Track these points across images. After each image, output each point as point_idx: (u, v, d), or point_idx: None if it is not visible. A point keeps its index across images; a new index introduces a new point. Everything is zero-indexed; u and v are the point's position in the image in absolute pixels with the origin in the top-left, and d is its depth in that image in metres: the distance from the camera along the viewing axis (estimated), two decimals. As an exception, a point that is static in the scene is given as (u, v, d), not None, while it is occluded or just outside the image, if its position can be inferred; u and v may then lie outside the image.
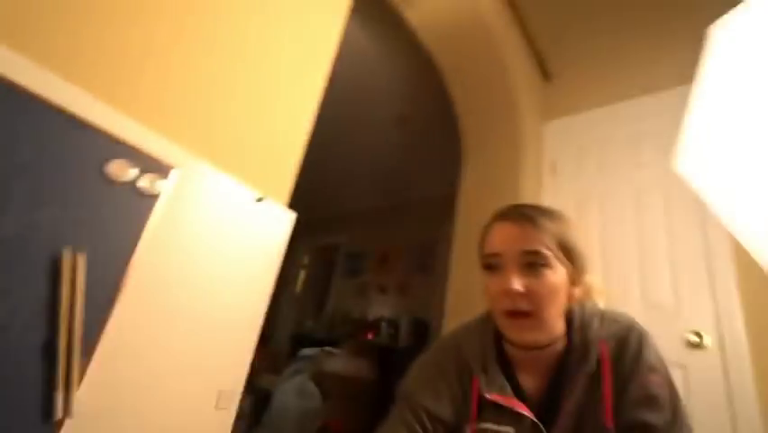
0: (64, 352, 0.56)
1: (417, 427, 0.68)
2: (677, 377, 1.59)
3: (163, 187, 0.73)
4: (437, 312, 2.22)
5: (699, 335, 1.61)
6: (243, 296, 0.86)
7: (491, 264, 0.70)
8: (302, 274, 5.61)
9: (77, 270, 0.59)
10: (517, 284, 0.65)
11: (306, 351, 3.52)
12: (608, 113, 2.24)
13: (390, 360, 3.31)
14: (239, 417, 3.10)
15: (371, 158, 4.05)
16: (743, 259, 1.58)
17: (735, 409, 1.48)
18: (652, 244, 1.85)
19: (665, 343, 1.63)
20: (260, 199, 0.91)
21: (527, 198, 2.05)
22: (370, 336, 3.99)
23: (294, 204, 1.00)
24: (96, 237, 0.63)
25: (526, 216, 0.70)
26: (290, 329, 5.03)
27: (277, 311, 5.31)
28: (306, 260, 5.68)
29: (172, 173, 0.74)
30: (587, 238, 2.01)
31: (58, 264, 0.58)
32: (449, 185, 2.33)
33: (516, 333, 0.69)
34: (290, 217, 0.98)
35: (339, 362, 3.30)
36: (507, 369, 0.72)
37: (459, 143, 2.40)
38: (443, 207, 2.59)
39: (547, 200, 2.18)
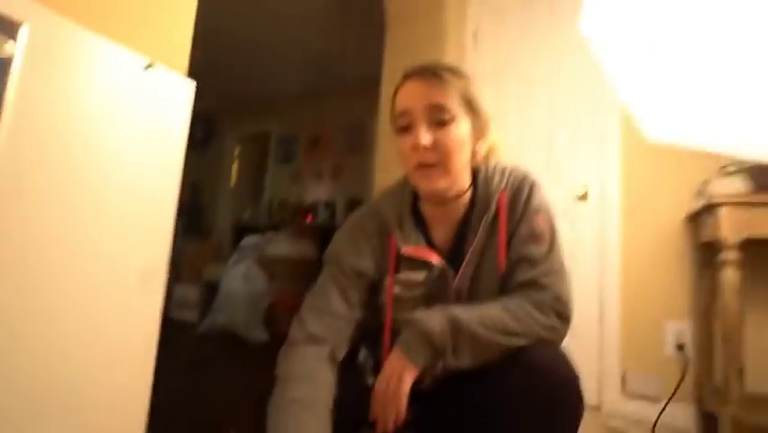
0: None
1: (344, 281, 0.74)
2: (565, 225, 1.90)
3: (14, 49, 0.61)
4: (371, 191, 2.34)
5: (585, 189, 1.89)
6: (149, 171, 0.82)
7: (402, 125, 0.73)
8: (235, 165, 5.47)
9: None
10: (425, 139, 0.69)
11: (248, 239, 3.65)
12: None
13: (330, 240, 3.52)
14: (191, 307, 3.25)
15: (296, 37, 3.72)
16: (628, 122, 1.78)
17: (604, 244, 1.84)
18: (557, 109, 2.01)
19: (559, 196, 1.90)
20: (148, 66, 0.82)
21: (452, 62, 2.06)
22: (308, 220, 4.16)
23: (218, 90, 0.93)
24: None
25: (431, 71, 0.72)
26: (230, 220, 5.06)
27: (215, 204, 5.27)
28: (237, 150, 5.48)
29: (22, 31, 0.62)
30: (505, 103, 2.11)
31: None
32: (377, 64, 2.26)
33: (426, 182, 0.72)
34: (190, 87, 0.92)
35: (281, 246, 3.48)
36: (421, 225, 0.79)
37: (381, 18, 2.28)
38: (373, 87, 2.55)
39: (469, 70, 2.22)
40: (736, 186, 1.42)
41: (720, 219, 1.30)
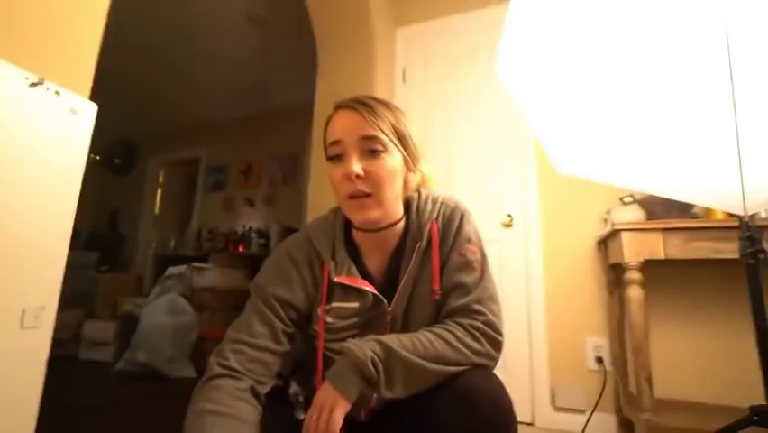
0: None
1: (269, 313, 0.72)
2: (494, 251, 2.00)
3: None
4: (304, 220, 2.32)
5: (510, 216, 2.02)
6: (40, 203, 0.76)
7: (334, 154, 0.73)
8: (159, 192, 5.14)
9: None
10: (357, 167, 0.69)
11: (173, 269, 3.40)
12: (450, 23, 2.37)
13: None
14: (107, 343, 2.94)
15: (226, 64, 3.66)
16: (543, 154, 1.95)
17: (528, 268, 1.96)
18: (482, 144, 2.17)
19: (488, 224, 2.02)
20: (34, 84, 0.76)
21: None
22: (240, 249, 3.99)
23: (141, 117, 0.89)
24: None
25: (364, 103, 0.73)
26: (153, 250, 4.71)
27: (135, 233, 4.89)
28: (161, 177, 5.17)
29: None
30: (433, 140, 2.23)
31: None
32: (311, 94, 2.28)
33: (358, 213, 0.72)
34: (91, 110, 0.87)
35: (210, 276, 3.28)
36: (355, 254, 0.78)
37: (313, 49, 2.32)
38: (306, 117, 2.57)
39: (398, 104, 2.32)
40: (633, 214, 1.60)
41: (622, 243, 1.45)
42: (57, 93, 0.80)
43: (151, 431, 1.78)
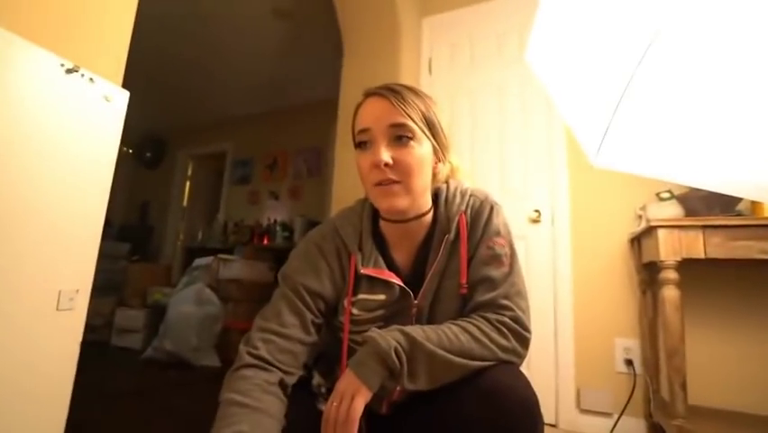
0: None
1: (298, 302, 0.71)
2: (520, 247, 1.96)
3: None
4: (328, 213, 2.32)
5: (537, 212, 1.97)
6: (75, 188, 0.78)
7: (362, 141, 0.72)
8: (188, 185, 5.27)
9: None
10: (385, 156, 0.68)
11: (200, 261, 3.48)
12: (477, 11, 2.32)
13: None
14: (136, 331, 3.05)
15: (252, 58, 3.70)
16: (574, 147, 1.89)
17: (556, 264, 1.91)
18: (509, 135, 2.11)
19: (514, 219, 1.96)
20: (70, 71, 0.77)
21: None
22: (265, 242, 4.05)
23: (169, 111, 0.90)
24: None
25: (394, 90, 0.72)
26: (181, 242, 4.84)
27: (165, 225, 5.03)
28: (190, 170, 5.30)
29: None
30: (459, 131, 2.19)
31: None
32: (335, 87, 2.28)
33: (386, 200, 0.70)
34: (123, 97, 0.88)
35: (235, 267, 3.35)
36: (382, 246, 0.77)
37: (338, 42, 2.31)
38: (330, 110, 2.56)
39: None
40: (671, 211, 1.52)
41: (659, 241, 1.38)
42: (91, 80, 0.81)
43: (177, 416, 1.82)
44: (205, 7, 3.04)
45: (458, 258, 0.74)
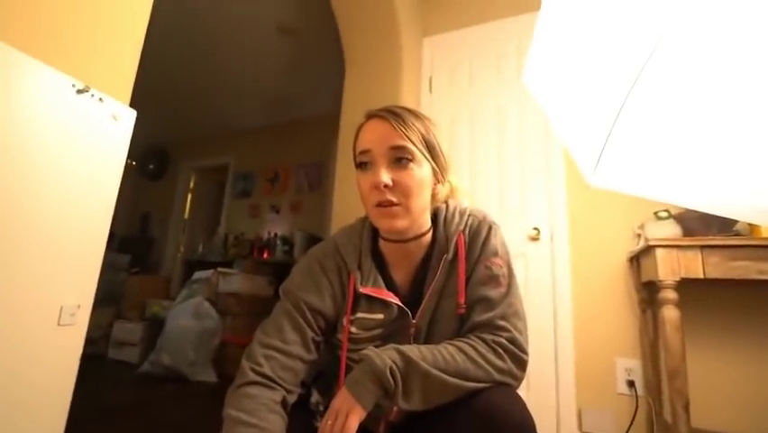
0: None
1: (299, 318, 0.72)
2: (519, 265, 1.96)
3: None
4: (329, 227, 2.33)
5: (537, 230, 1.97)
6: (80, 205, 0.79)
7: (363, 162, 0.73)
8: (189, 198, 5.29)
9: None
10: (385, 177, 0.69)
11: (199, 274, 3.47)
12: (477, 32, 2.36)
13: (286, 277, 3.42)
14: (133, 344, 3.02)
15: (255, 74, 3.76)
16: (572, 165, 1.90)
17: (555, 283, 1.90)
18: (507, 155, 2.12)
19: (513, 238, 1.97)
20: (81, 91, 0.78)
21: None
22: (265, 255, 4.04)
23: (173, 123, 0.91)
24: None
25: (394, 113, 0.73)
26: (182, 254, 4.84)
27: (164, 237, 5.03)
28: (192, 182, 5.33)
29: None
30: (458, 150, 2.22)
31: None
32: (337, 103, 2.31)
33: (385, 221, 0.71)
34: (131, 116, 0.90)
35: (235, 281, 3.34)
36: (381, 265, 0.78)
37: (341, 59, 2.36)
38: (331, 125, 2.59)
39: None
40: (669, 230, 1.53)
41: (657, 261, 1.38)
42: (100, 100, 0.83)
43: (174, 431, 1.80)
44: (210, 24, 3.11)
45: (456, 278, 0.74)
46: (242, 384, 0.66)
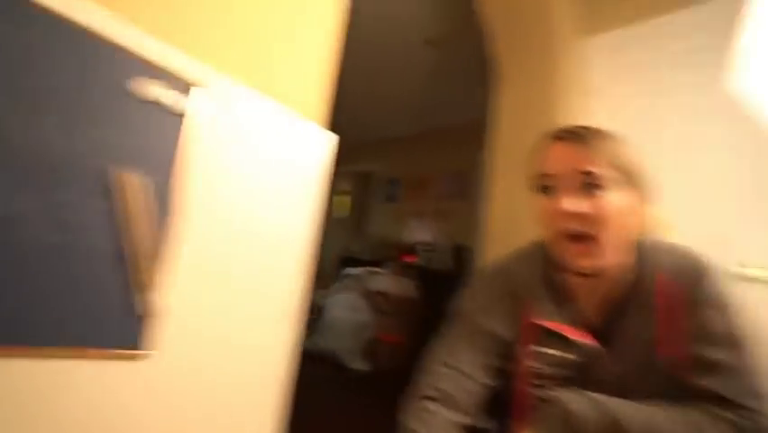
0: (137, 258, 0.62)
1: (481, 343, 0.71)
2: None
3: (186, 105, 0.68)
4: (478, 238, 2.30)
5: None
6: (289, 220, 0.87)
7: (545, 186, 0.68)
8: (346, 200, 5.79)
9: (131, 186, 0.61)
10: (572, 205, 0.64)
11: (351, 270, 3.81)
12: (654, 25, 2.04)
13: (431, 282, 3.51)
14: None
15: (402, 83, 3.95)
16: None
17: None
18: (697, 169, 1.79)
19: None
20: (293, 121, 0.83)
21: (568, 122, 1.99)
22: (411, 259, 4.21)
23: (331, 130, 0.95)
24: (135, 155, 0.62)
25: (580, 135, 0.67)
26: (336, 251, 5.32)
27: (322, 234, 5.59)
28: (348, 186, 5.82)
29: (193, 91, 0.69)
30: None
31: (112, 181, 0.59)
32: (479, 111, 2.26)
33: (574, 258, 0.66)
34: (332, 140, 0.95)
35: (384, 281, 3.56)
36: (560, 295, 0.72)
37: (486, 68, 2.29)
38: (474, 134, 2.54)
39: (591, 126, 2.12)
40: None
41: None
42: (310, 127, 0.91)
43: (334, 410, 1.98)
44: (366, 36, 3.24)
45: (657, 325, 0.66)
46: (422, 397, 0.68)
